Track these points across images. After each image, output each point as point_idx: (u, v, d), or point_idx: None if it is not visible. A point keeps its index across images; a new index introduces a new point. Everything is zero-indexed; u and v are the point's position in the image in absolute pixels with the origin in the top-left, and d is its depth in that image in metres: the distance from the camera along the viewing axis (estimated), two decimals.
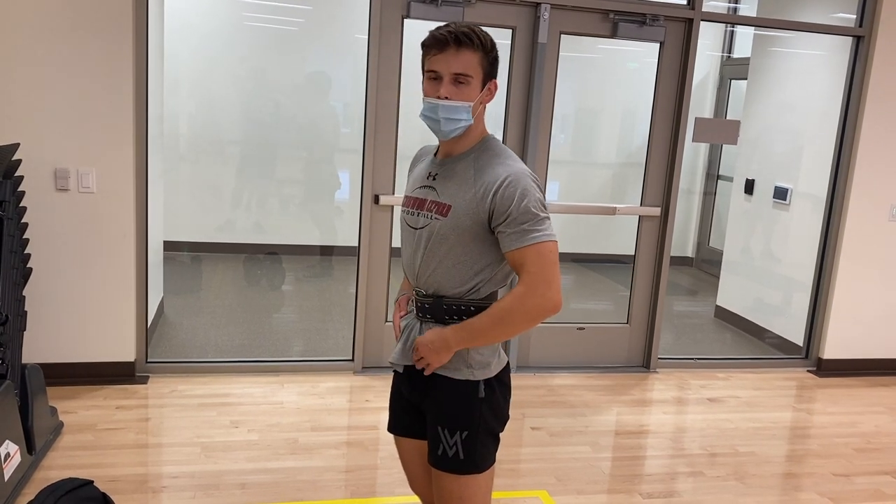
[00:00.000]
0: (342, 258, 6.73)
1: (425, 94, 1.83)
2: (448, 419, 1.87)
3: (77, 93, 3.65)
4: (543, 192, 1.84)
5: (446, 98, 1.79)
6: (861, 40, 4.59)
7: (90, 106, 3.67)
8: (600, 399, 4.19)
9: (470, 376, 1.87)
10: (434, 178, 1.89)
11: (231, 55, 6.52)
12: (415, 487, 2.14)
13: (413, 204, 1.93)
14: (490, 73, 1.84)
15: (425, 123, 1.85)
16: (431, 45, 1.79)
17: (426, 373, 1.88)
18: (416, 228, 1.90)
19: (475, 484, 1.89)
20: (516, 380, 4.37)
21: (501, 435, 1.96)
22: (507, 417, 1.97)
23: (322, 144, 6.92)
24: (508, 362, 1.96)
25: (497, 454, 1.96)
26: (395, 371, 2.02)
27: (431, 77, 1.81)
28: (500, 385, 1.92)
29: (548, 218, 1.79)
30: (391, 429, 2.10)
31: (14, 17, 3.53)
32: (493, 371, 1.90)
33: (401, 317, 2.04)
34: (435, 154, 1.96)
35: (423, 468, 2.06)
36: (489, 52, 1.81)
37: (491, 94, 1.87)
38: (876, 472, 3.54)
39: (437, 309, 1.88)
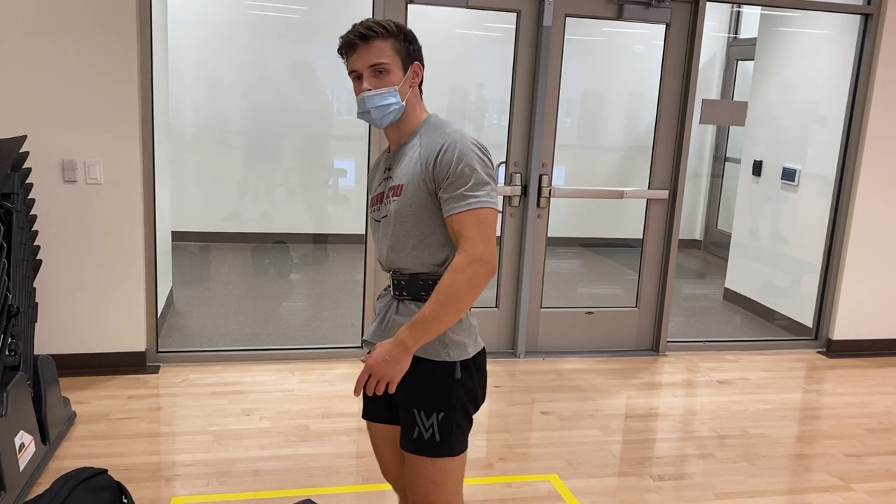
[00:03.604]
0: (349, 245, 6.73)
1: (356, 95, 1.86)
2: (424, 401, 1.86)
3: (83, 84, 3.65)
4: (486, 156, 1.83)
5: (369, 89, 1.82)
6: (869, 18, 4.54)
7: (96, 97, 3.67)
8: (610, 383, 4.20)
9: (446, 357, 1.86)
10: (389, 170, 1.94)
11: (235, 44, 6.50)
12: (387, 475, 2.13)
13: (377, 200, 1.97)
14: (409, 56, 1.86)
15: (365, 121, 1.91)
16: (346, 49, 1.84)
17: (390, 390, 1.82)
18: (380, 220, 1.94)
19: (449, 468, 1.89)
20: (526, 365, 4.38)
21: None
22: (482, 400, 1.97)
23: (327, 132, 6.91)
24: (484, 348, 1.96)
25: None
26: (369, 351, 1.98)
27: (354, 77, 1.85)
28: (476, 368, 1.91)
29: (488, 183, 1.80)
30: (364, 415, 2.08)
31: (18, 10, 3.52)
32: (470, 353, 1.89)
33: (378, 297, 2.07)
34: (388, 151, 2.00)
35: (395, 454, 2.05)
36: (399, 37, 1.83)
37: (418, 76, 1.90)
38: (887, 451, 3.53)
39: (412, 285, 1.90)
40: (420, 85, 1.94)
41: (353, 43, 1.82)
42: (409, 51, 1.87)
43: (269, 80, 6.68)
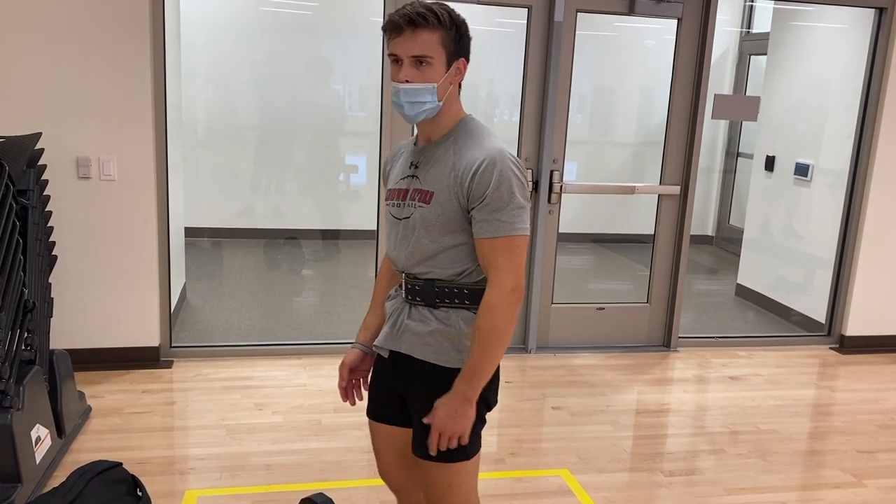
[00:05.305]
0: (360, 241, 6.75)
1: (391, 79, 1.77)
2: None
3: (97, 82, 3.67)
4: (523, 176, 1.77)
5: (407, 81, 1.72)
6: (883, 12, 4.51)
7: (110, 95, 3.70)
8: (621, 378, 4.20)
9: (459, 364, 1.81)
10: (416, 167, 1.84)
11: (247, 41, 6.53)
12: (384, 475, 2.09)
13: (398, 195, 1.87)
14: (456, 51, 1.76)
15: (396, 111, 1.80)
16: (391, 30, 1.72)
17: (463, 442, 1.80)
18: (401, 219, 1.85)
19: (464, 471, 1.85)
20: (537, 360, 4.39)
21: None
22: (495, 402, 1.93)
23: (338, 128, 6.93)
24: None
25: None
26: (378, 355, 1.97)
27: (393, 60, 1.75)
28: None
29: (523, 207, 1.74)
30: (370, 413, 2.05)
31: (33, 10, 3.55)
32: None
33: (388, 298, 1.98)
34: (415, 143, 1.90)
35: (396, 456, 2.03)
36: (450, 30, 1.73)
37: (460, 74, 1.79)
38: None
39: (427, 291, 1.83)
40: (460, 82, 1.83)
41: (400, 26, 1.70)
42: (458, 45, 1.75)
43: (281, 77, 6.71)
